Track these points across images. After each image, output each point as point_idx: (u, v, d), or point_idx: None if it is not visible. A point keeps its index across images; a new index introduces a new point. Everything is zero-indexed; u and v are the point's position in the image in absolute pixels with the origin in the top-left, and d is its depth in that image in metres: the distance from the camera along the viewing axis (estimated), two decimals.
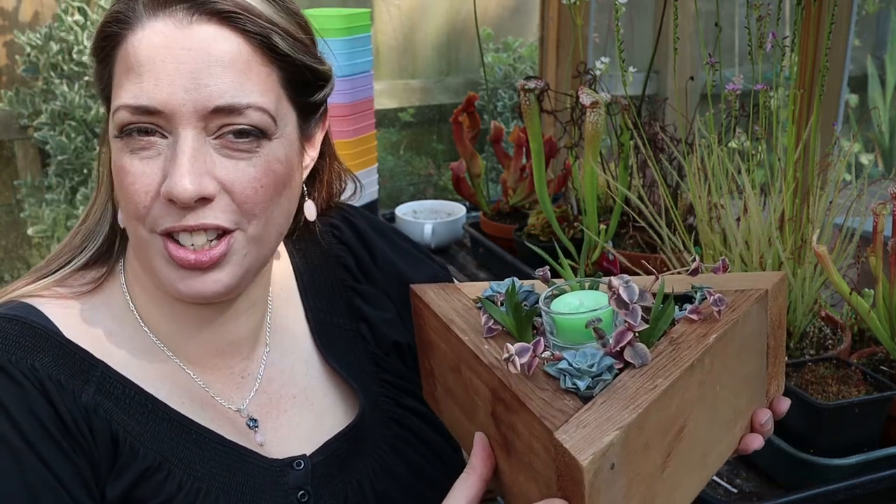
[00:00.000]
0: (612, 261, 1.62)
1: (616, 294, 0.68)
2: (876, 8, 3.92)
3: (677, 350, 0.70)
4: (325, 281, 0.99)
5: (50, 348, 0.79)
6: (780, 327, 0.83)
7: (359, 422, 0.92)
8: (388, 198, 3.53)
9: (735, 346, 0.75)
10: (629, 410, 0.63)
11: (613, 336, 0.68)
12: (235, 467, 0.84)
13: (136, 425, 0.81)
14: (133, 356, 0.85)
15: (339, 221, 1.02)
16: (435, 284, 0.89)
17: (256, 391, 0.91)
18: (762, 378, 0.82)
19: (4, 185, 3.26)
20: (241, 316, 0.89)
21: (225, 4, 0.76)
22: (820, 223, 1.23)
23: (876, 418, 1.15)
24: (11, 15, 3.10)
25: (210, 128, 0.77)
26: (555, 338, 0.72)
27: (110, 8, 0.79)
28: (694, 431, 0.70)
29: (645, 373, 0.67)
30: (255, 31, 0.78)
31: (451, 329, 0.79)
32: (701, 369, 0.70)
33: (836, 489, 1.12)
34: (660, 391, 0.65)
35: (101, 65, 0.81)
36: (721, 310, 0.74)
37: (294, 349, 0.95)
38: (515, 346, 0.68)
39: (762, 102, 1.27)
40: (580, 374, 0.66)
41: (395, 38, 3.65)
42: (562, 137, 1.84)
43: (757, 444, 0.81)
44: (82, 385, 0.79)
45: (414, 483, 0.92)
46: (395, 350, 0.98)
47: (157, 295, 0.86)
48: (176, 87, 0.75)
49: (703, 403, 0.71)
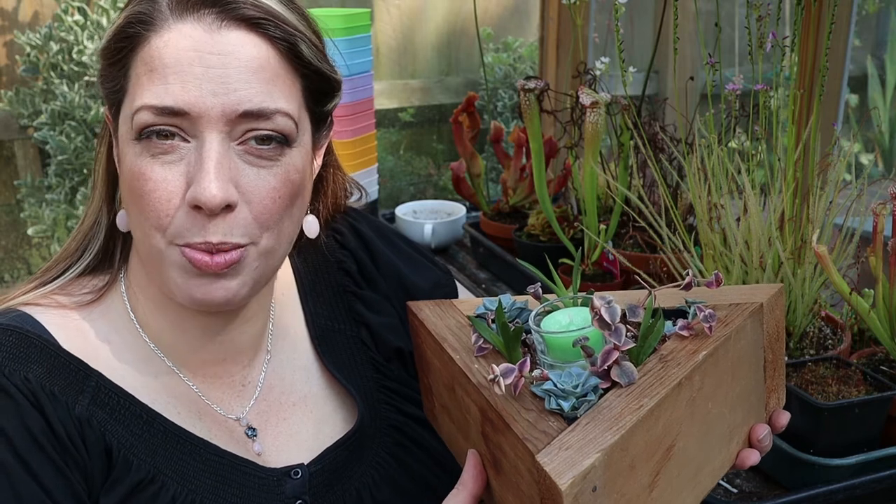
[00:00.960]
0: (612, 261, 1.62)
1: (598, 314, 0.67)
2: (876, 8, 3.92)
3: (666, 368, 0.70)
4: (326, 286, 0.98)
5: (44, 359, 0.79)
6: (779, 340, 0.82)
7: (358, 429, 0.91)
8: (388, 198, 3.53)
9: (728, 361, 0.74)
10: (612, 432, 0.63)
11: (600, 355, 0.68)
12: (231, 478, 0.83)
13: (131, 437, 0.80)
14: (130, 366, 0.84)
15: (342, 225, 1.01)
16: (431, 301, 0.89)
17: (256, 399, 0.90)
18: (760, 392, 0.81)
19: (4, 185, 3.26)
20: (247, 324, 0.89)
21: (254, 11, 0.76)
22: (820, 223, 1.23)
23: (876, 418, 1.15)
24: (11, 15, 3.10)
25: (235, 133, 0.76)
26: (545, 356, 0.72)
27: (129, 8, 0.78)
28: (684, 450, 0.70)
29: (631, 392, 0.67)
30: (282, 38, 0.77)
31: (444, 347, 0.80)
32: (690, 387, 0.69)
33: (836, 489, 1.12)
34: (645, 411, 0.64)
35: (115, 66, 0.79)
36: (712, 325, 0.73)
37: (294, 355, 0.94)
38: (500, 367, 0.68)
39: (762, 102, 1.27)
40: (565, 395, 0.66)
41: (395, 38, 3.65)
42: (562, 137, 1.84)
43: (753, 459, 0.80)
44: (77, 396, 0.78)
45: (415, 491, 0.91)
46: (396, 356, 0.97)
47: (163, 304, 0.85)
48: (204, 90, 0.74)
49: (693, 421, 0.71)
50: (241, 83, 0.75)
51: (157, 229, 0.76)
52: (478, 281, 1.90)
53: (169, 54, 0.74)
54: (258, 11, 0.76)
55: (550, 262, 1.70)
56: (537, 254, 1.78)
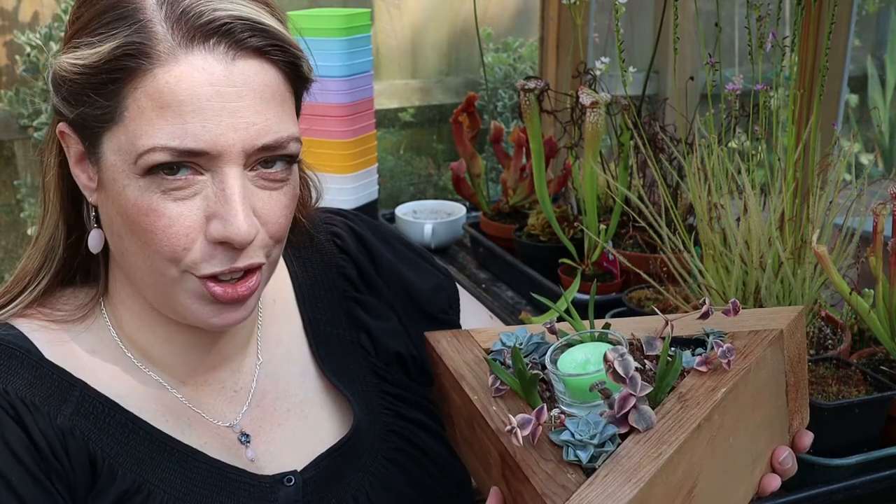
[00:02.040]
0: (612, 261, 1.62)
1: (612, 368, 0.67)
2: (876, 8, 3.91)
3: (685, 409, 0.68)
4: (325, 291, 0.97)
5: (26, 370, 0.78)
6: (801, 361, 0.80)
7: (353, 435, 0.89)
8: (388, 198, 3.52)
9: (749, 394, 0.73)
10: (631, 485, 0.62)
11: (617, 401, 0.67)
12: (220, 486, 0.82)
13: (116, 445, 0.79)
14: (116, 376, 0.83)
15: (342, 229, 1.00)
16: (448, 332, 0.89)
17: (249, 405, 0.89)
18: (783, 416, 0.80)
19: (4, 185, 3.26)
20: (236, 332, 0.88)
21: (262, 39, 0.74)
22: (820, 223, 1.23)
23: (876, 418, 1.15)
24: (11, 15, 3.10)
25: (248, 163, 0.75)
26: (564, 395, 0.72)
27: (119, 39, 0.73)
28: (706, 488, 0.69)
29: (650, 438, 0.66)
30: (287, 61, 0.77)
31: (462, 387, 0.79)
32: (710, 428, 0.68)
33: (836, 489, 1.12)
34: (664, 459, 0.63)
35: (101, 91, 0.74)
36: (730, 360, 0.72)
37: (290, 360, 0.93)
38: (517, 417, 0.67)
39: (762, 102, 1.27)
40: (583, 446, 0.66)
41: (395, 38, 3.65)
42: (562, 137, 1.84)
43: (774, 485, 0.79)
44: (59, 406, 0.77)
45: (415, 497, 0.90)
46: (397, 361, 0.97)
47: (151, 320, 0.84)
48: (223, 127, 0.72)
49: (714, 459, 0.69)
50: (258, 115, 0.74)
51: (170, 262, 0.75)
52: (478, 281, 1.90)
53: (183, 90, 0.71)
54: (266, 39, 0.74)
55: (550, 262, 1.71)
56: (537, 254, 1.78)
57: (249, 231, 0.74)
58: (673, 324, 0.78)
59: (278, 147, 0.76)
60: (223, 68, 0.72)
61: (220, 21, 0.72)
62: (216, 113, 0.72)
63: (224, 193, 0.74)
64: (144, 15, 0.73)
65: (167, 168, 0.73)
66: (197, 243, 0.75)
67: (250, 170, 0.76)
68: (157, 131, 0.72)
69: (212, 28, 0.72)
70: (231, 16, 0.73)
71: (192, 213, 0.74)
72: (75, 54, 0.74)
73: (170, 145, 0.72)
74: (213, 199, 0.74)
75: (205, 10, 0.73)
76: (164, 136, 0.72)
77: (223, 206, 0.74)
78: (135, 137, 0.73)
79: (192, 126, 0.72)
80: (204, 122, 0.72)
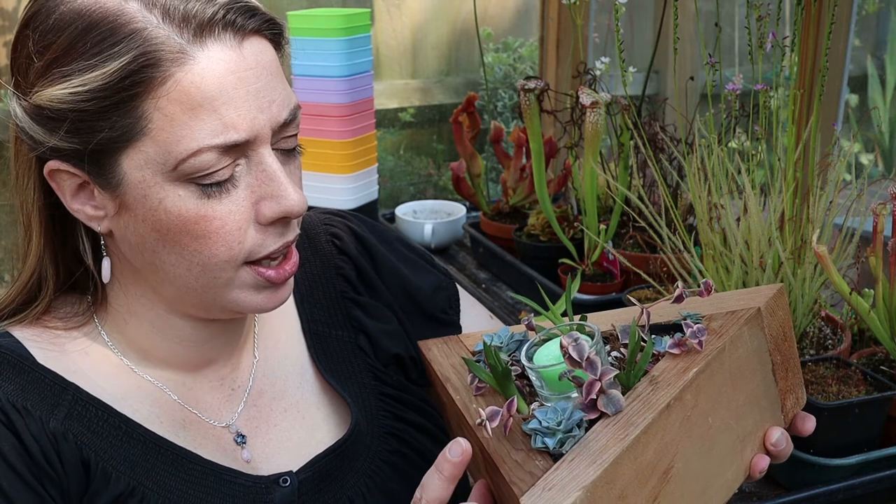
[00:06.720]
0: (612, 261, 1.62)
1: (567, 353, 0.67)
2: (876, 8, 3.92)
3: (655, 391, 0.69)
4: (323, 292, 0.97)
5: (17, 375, 0.78)
6: (787, 339, 0.80)
7: (350, 437, 0.89)
8: (388, 198, 3.52)
9: (726, 373, 0.73)
10: (595, 466, 0.62)
11: (584, 388, 0.67)
12: (215, 488, 0.81)
13: (110, 449, 0.78)
14: (110, 379, 0.83)
15: (341, 230, 1.00)
16: (440, 339, 0.90)
17: (245, 404, 0.89)
18: (772, 396, 0.79)
19: (4, 185, 3.26)
20: (239, 322, 0.89)
21: (259, 18, 0.76)
22: (820, 223, 1.23)
23: (876, 418, 1.15)
24: (11, 15, 3.10)
25: (274, 140, 0.77)
26: (542, 389, 0.72)
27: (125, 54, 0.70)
28: (684, 469, 0.69)
29: (618, 421, 0.66)
30: (275, 32, 0.79)
31: (447, 388, 0.81)
32: (682, 408, 0.68)
33: (836, 489, 1.12)
34: (630, 440, 0.64)
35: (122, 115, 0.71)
36: (702, 340, 0.72)
37: (287, 361, 0.93)
38: (487, 409, 0.68)
39: (762, 102, 1.27)
40: (550, 432, 0.66)
41: (395, 38, 3.65)
42: (562, 137, 1.84)
43: (762, 465, 0.79)
44: (52, 410, 0.77)
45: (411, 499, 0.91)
46: (395, 363, 0.96)
47: (161, 322, 0.84)
48: (253, 110, 0.73)
49: (691, 439, 0.70)
50: (274, 91, 0.76)
51: (226, 262, 0.76)
52: (478, 281, 1.90)
53: (210, 85, 0.71)
54: (259, 17, 0.76)
55: (550, 262, 1.71)
56: (537, 254, 1.78)
57: (303, 199, 0.77)
58: (652, 311, 0.78)
59: (293, 119, 0.78)
60: (236, 54, 0.73)
61: (223, 10, 0.74)
62: (244, 99, 0.73)
63: (266, 174, 0.75)
64: (137, 24, 0.71)
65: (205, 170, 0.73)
66: (248, 233, 0.76)
67: (274, 147, 0.78)
68: (196, 132, 0.72)
69: (217, 18, 0.73)
70: (227, 2, 0.75)
71: (239, 206, 0.75)
72: (70, 83, 0.71)
73: (214, 143, 0.72)
74: (255, 183, 0.76)
75: (201, 1, 0.74)
76: (205, 136, 0.72)
77: (270, 186, 0.76)
78: (170, 145, 0.72)
79: (228, 117, 0.72)
80: (237, 110, 0.73)
